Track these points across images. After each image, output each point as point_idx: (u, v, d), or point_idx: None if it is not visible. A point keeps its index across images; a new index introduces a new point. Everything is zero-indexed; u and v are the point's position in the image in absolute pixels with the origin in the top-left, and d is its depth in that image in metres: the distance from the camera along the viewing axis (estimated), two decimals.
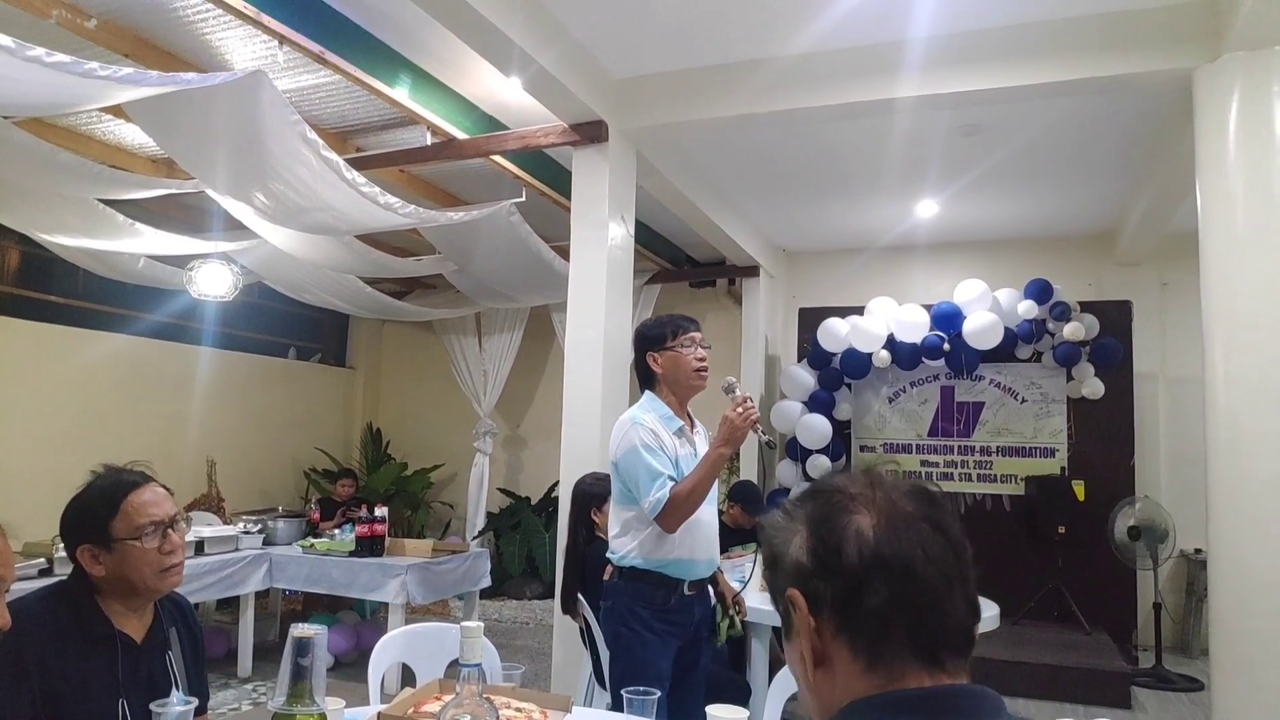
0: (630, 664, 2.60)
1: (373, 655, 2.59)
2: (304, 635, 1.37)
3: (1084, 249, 7.26)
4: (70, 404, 6.32)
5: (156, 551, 1.79)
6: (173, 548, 1.82)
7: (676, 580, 2.65)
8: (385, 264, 6.39)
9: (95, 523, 1.77)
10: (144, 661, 1.81)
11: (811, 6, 3.87)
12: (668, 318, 2.87)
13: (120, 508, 1.78)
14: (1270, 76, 3.51)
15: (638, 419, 2.68)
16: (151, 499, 1.83)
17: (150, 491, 1.84)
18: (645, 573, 2.65)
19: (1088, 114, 4.88)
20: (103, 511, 1.78)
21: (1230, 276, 3.56)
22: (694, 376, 2.76)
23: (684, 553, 2.65)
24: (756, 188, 6.38)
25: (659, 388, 2.80)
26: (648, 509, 2.58)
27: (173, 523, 1.84)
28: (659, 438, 2.64)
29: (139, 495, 1.82)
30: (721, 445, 2.58)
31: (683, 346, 2.75)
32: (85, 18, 3.71)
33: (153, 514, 1.81)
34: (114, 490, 1.81)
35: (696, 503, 2.60)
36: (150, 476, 1.89)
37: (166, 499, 1.87)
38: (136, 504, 1.80)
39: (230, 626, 5.65)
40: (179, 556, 1.84)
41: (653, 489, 2.56)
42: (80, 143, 5.06)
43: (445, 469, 8.97)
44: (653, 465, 2.59)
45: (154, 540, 1.79)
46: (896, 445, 7.06)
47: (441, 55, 4.28)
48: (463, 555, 5.56)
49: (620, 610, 2.68)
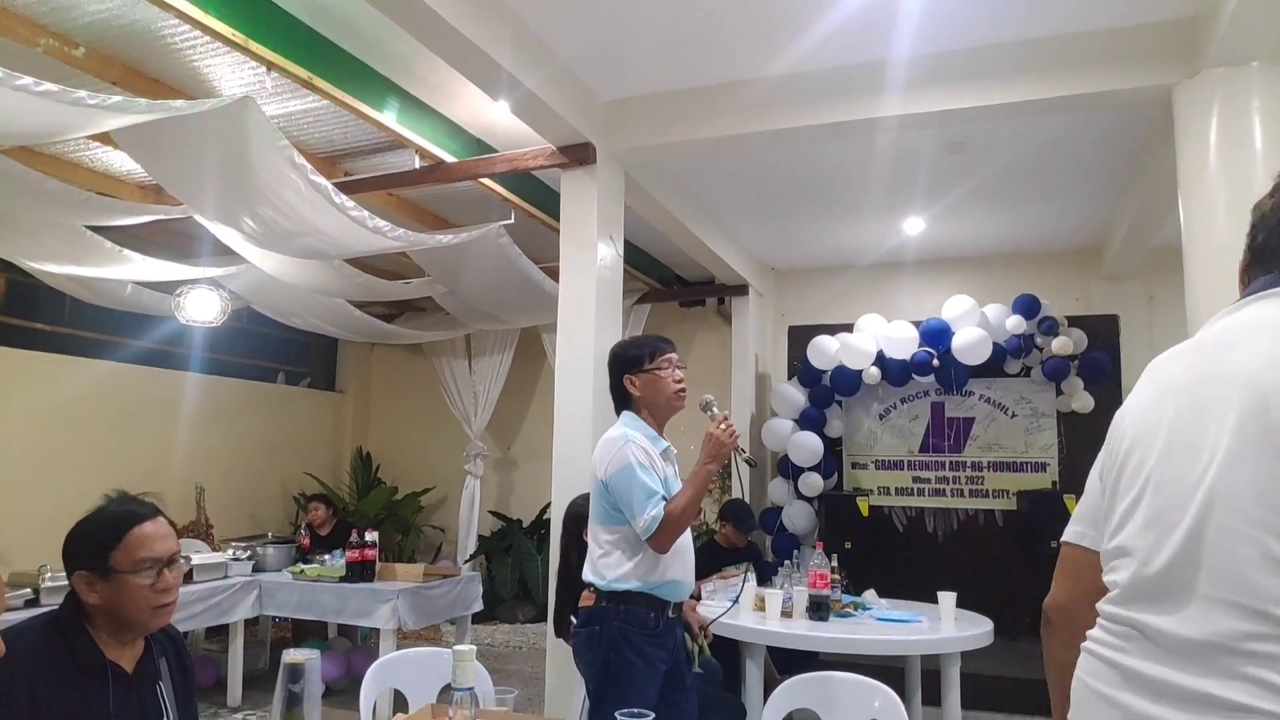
0: (620, 691, 2.51)
1: (364, 681, 2.57)
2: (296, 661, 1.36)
3: (1070, 264, 7.31)
4: (57, 432, 6.27)
5: (150, 588, 1.77)
6: (165, 586, 1.79)
7: (665, 602, 2.63)
8: (374, 287, 6.39)
9: (97, 550, 1.75)
10: (134, 692, 1.79)
11: (796, 27, 3.91)
12: (644, 339, 2.86)
13: (124, 539, 1.76)
14: (1248, 91, 3.57)
15: (630, 436, 2.63)
16: (155, 534, 1.80)
17: (156, 526, 1.82)
18: (637, 595, 2.58)
19: (1071, 130, 4.93)
20: (107, 540, 1.76)
21: (1214, 289, 3.58)
22: (674, 398, 2.74)
23: (677, 573, 2.64)
24: (744, 207, 6.41)
25: (638, 410, 2.75)
26: (641, 527, 2.53)
27: (170, 561, 1.81)
28: (650, 456, 2.62)
29: (144, 529, 1.79)
30: (708, 462, 2.57)
31: (661, 369, 2.72)
32: (73, 46, 3.72)
33: (154, 550, 1.78)
34: (122, 520, 1.79)
35: (688, 521, 2.58)
36: (159, 510, 1.87)
37: (170, 535, 1.84)
38: (140, 537, 1.77)
39: (219, 655, 5.59)
40: (172, 595, 1.82)
41: (648, 507, 2.52)
42: (68, 170, 5.06)
43: (436, 492, 8.93)
44: (647, 483, 2.55)
45: (148, 577, 1.76)
46: (888, 462, 7.07)
47: (429, 79, 4.30)
48: (454, 579, 5.53)
49: (609, 635, 2.59)
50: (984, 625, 3.94)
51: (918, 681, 4.29)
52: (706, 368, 8.22)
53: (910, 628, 3.90)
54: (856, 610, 4.13)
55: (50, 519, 1.87)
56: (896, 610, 4.19)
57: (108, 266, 5.38)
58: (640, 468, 2.56)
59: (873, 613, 4.13)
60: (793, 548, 6.26)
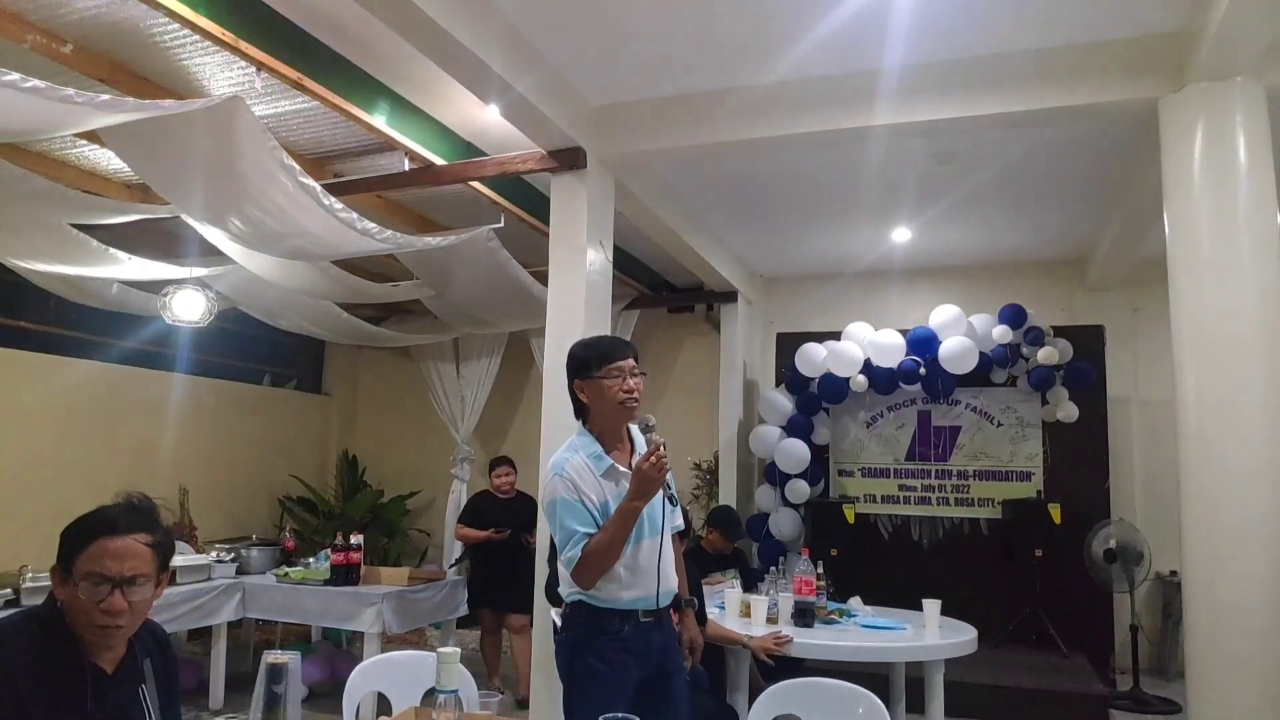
0: (585, 695, 2.48)
1: (348, 684, 2.56)
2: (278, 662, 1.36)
3: (1056, 274, 7.36)
4: (41, 431, 6.22)
5: (94, 605, 1.67)
6: (109, 608, 1.68)
7: (630, 611, 2.53)
8: (362, 289, 6.37)
9: (68, 549, 1.71)
10: (114, 693, 1.75)
11: (787, 36, 3.93)
12: (599, 341, 2.71)
13: (89, 546, 1.69)
14: (1233, 106, 3.61)
15: (561, 467, 2.52)
16: (115, 551, 1.70)
17: (122, 543, 1.71)
18: (593, 605, 2.53)
19: (1058, 142, 4.97)
20: (79, 540, 1.71)
21: (1198, 301, 3.62)
22: (620, 409, 2.56)
23: (638, 592, 2.52)
24: (734, 214, 6.43)
25: (589, 419, 2.64)
26: (562, 565, 2.48)
27: (126, 583, 1.70)
28: (580, 487, 2.48)
29: (108, 543, 1.70)
30: (635, 498, 2.40)
31: (609, 377, 2.54)
32: (61, 43, 3.70)
33: (105, 566, 1.68)
34: (96, 526, 1.72)
35: (612, 559, 2.44)
36: (147, 526, 1.77)
37: (135, 557, 1.72)
38: (100, 549, 1.69)
39: (202, 657, 5.56)
40: (117, 620, 1.69)
41: (566, 547, 2.44)
42: (54, 168, 5.02)
43: (422, 496, 8.89)
44: (568, 524, 2.44)
45: (94, 593, 1.67)
46: (874, 470, 7.09)
47: (419, 82, 4.29)
48: (439, 583, 5.51)
49: (573, 640, 2.55)
50: (968, 633, 3.96)
51: (902, 688, 4.30)
52: (694, 374, 8.23)
53: (895, 635, 3.92)
54: (842, 617, 4.14)
55: (32, 519, 1.85)
56: (881, 617, 4.20)
57: (94, 265, 5.35)
58: (564, 504, 2.46)
59: (858, 620, 4.14)
60: (779, 554, 6.26)
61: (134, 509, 1.78)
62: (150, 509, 1.82)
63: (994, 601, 5.98)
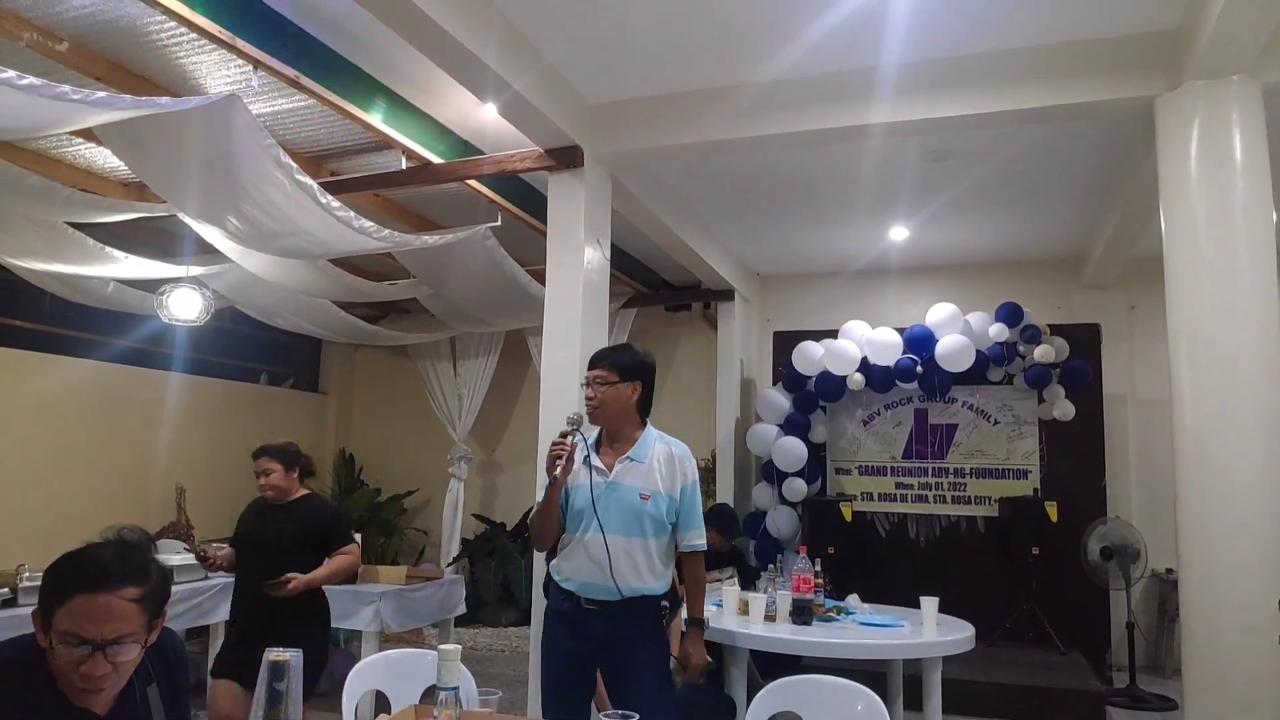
0: (541, 658, 2.96)
1: (347, 682, 2.56)
2: (279, 659, 1.35)
3: (1053, 273, 7.37)
4: (37, 431, 6.20)
5: (75, 666, 1.50)
6: (89, 672, 1.50)
7: (572, 594, 2.85)
8: (359, 288, 6.36)
9: (47, 598, 1.54)
10: None
11: (784, 34, 3.93)
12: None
13: (69, 601, 1.50)
14: (1229, 104, 3.61)
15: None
16: (95, 611, 1.50)
17: (108, 602, 1.51)
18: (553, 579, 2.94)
19: (1055, 140, 4.98)
20: (59, 590, 1.53)
21: (1194, 299, 3.63)
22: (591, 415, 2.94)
23: (586, 576, 2.81)
24: (731, 212, 6.43)
25: None
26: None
27: (109, 644, 1.51)
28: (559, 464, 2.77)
29: (88, 601, 1.50)
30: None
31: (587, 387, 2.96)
32: (57, 41, 3.69)
33: (83, 629, 1.49)
34: (78, 579, 1.53)
35: (540, 528, 2.88)
36: (133, 578, 1.56)
37: (121, 618, 1.53)
38: (79, 607, 1.50)
39: (199, 656, 5.53)
40: (100, 685, 1.53)
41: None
42: (50, 166, 5.01)
43: (419, 495, 8.89)
44: (538, 496, 2.97)
45: (73, 655, 1.50)
46: (871, 468, 7.09)
47: (416, 80, 4.29)
48: (437, 582, 5.51)
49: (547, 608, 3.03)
50: (965, 630, 3.96)
51: (899, 686, 4.31)
52: (692, 372, 8.24)
53: (892, 632, 3.92)
54: (839, 615, 4.14)
55: (28, 518, 1.80)
56: (879, 615, 4.20)
57: (90, 264, 5.34)
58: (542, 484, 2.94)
59: (855, 617, 4.14)
60: (776, 552, 6.26)
61: (124, 555, 1.59)
62: (143, 550, 1.65)
63: (991, 599, 5.99)
